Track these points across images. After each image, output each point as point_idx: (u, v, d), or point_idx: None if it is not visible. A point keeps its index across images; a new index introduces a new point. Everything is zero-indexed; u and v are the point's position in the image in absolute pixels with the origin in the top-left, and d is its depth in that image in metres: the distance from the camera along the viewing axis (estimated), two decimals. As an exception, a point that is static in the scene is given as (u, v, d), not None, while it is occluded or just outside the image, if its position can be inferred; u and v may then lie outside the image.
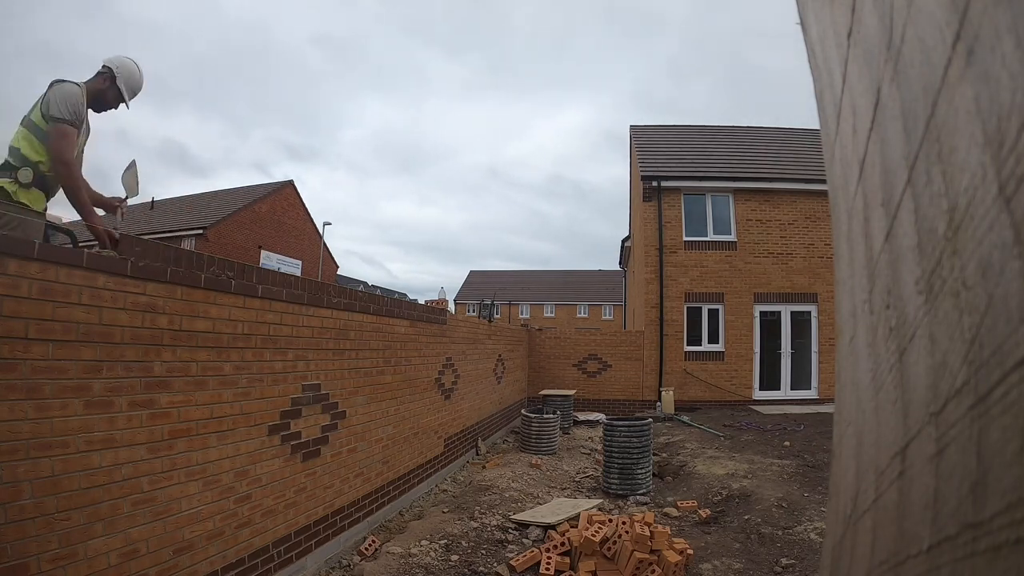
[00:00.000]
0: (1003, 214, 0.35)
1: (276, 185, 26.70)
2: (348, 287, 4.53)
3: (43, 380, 2.01)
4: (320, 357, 3.80)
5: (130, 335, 2.37)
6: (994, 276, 0.37)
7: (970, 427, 0.40)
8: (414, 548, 4.13)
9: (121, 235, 2.49)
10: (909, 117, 0.54)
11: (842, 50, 0.83)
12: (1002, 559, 0.33)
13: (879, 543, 0.66)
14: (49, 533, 2.01)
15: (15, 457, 1.91)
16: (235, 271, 3.01)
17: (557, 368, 11.83)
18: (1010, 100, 0.34)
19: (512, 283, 49.23)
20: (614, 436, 5.93)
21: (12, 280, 1.91)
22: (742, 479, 5.97)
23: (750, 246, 11.35)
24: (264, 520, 3.20)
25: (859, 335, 0.85)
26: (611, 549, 3.72)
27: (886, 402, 0.66)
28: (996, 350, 0.36)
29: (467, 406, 7.17)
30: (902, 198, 0.58)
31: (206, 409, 2.78)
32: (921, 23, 0.49)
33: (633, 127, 15.48)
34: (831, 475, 1.23)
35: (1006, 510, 0.33)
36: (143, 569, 2.40)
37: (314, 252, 27.47)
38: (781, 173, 11.71)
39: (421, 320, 5.62)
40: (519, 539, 4.49)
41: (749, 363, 11.21)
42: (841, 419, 1.07)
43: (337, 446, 4.00)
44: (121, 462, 2.31)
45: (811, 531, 4.43)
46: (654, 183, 11.49)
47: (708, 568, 3.93)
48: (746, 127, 15.03)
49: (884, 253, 0.67)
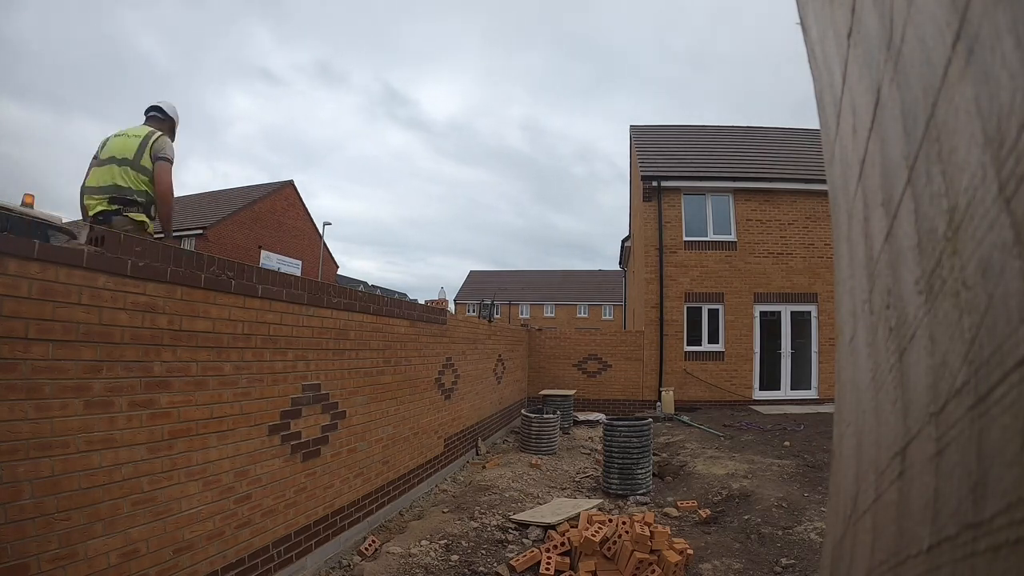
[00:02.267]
0: (1003, 214, 0.35)
1: (276, 185, 26.71)
2: (348, 287, 4.53)
3: (43, 380, 2.01)
4: (320, 357, 3.80)
5: (130, 335, 2.37)
6: (994, 276, 0.37)
7: (970, 427, 0.40)
8: (414, 548, 4.13)
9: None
10: (909, 117, 0.54)
11: (842, 50, 0.83)
12: (1002, 559, 0.33)
13: (879, 543, 0.66)
14: (49, 533, 2.01)
15: (15, 457, 1.90)
16: (235, 271, 3.01)
17: (557, 368, 11.83)
18: (1010, 100, 0.34)
19: (512, 283, 49.24)
20: (614, 436, 5.93)
21: (12, 280, 1.91)
22: (742, 479, 5.97)
23: (750, 246, 11.35)
24: (264, 520, 3.20)
25: (859, 335, 0.85)
26: (611, 549, 3.72)
27: (886, 402, 0.66)
28: (996, 350, 0.36)
29: (467, 406, 7.17)
30: (902, 198, 0.58)
31: (206, 409, 2.78)
32: (921, 23, 0.49)
33: (633, 127, 15.48)
34: (831, 475, 1.23)
35: (1006, 510, 0.33)
36: (143, 569, 2.40)
37: (314, 252, 27.47)
38: (781, 173, 11.71)
39: (421, 320, 5.62)
40: (519, 539, 4.49)
41: (749, 363, 11.20)
42: (841, 419, 1.07)
43: (337, 446, 4.00)
44: (121, 462, 2.31)
45: (811, 531, 4.43)
46: (654, 183, 11.49)
47: (708, 568, 3.93)
48: (746, 127, 15.04)
49: (884, 253, 0.67)
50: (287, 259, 25.18)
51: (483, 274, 53.89)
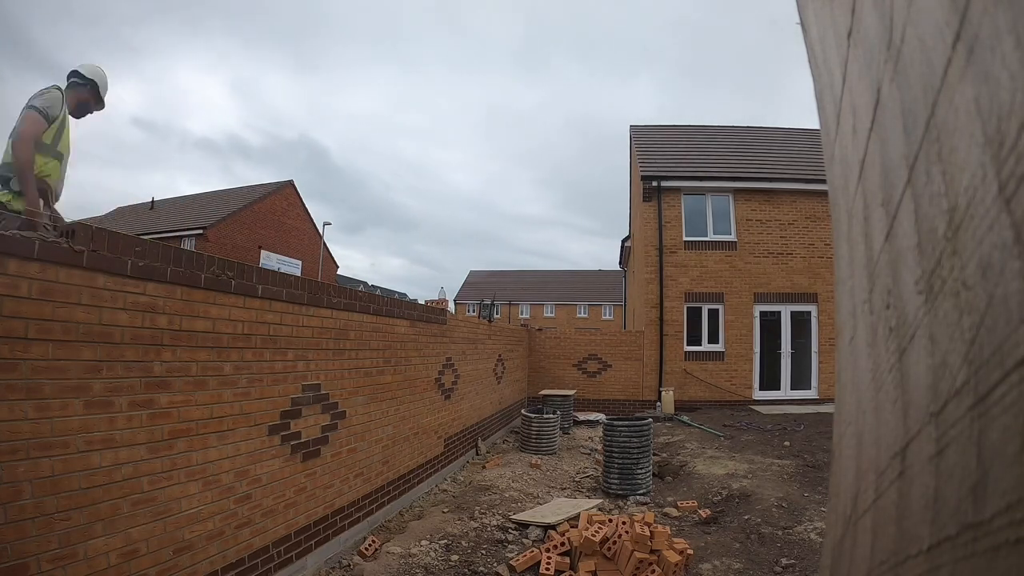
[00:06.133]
0: (1003, 214, 0.35)
1: (276, 185, 26.72)
2: (348, 287, 4.53)
3: (43, 380, 2.01)
4: (320, 357, 3.80)
5: (130, 335, 2.37)
6: (994, 276, 0.37)
7: (970, 427, 0.40)
8: (414, 548, 4.13)
9: (78, 225, 2.20)
10: (909, 117, 0.54)
11: (842, 50, 0.83)
12: (1002, 559, 0.33)
13: (879, 543, 0.66)
14: (49, 533, 2.01)
15: (15, 457, 1.91)
16: (235, 271, 3.01)
17: (557, 368, 11.83)
18: (1010, 100, 0.34)
19: (512, 283, 49.24)
20: (614, 436, 5.93)
21: (12, 280, 1.91)
22: (742, 479, 5.97)
23: (750, 246, 11.35)
24: (264, 520, 3.20)
25: (859, 335, 0.85)
26: (611, 549, 3.72)
27: (886, 402, 0.66)
28: (996, 350, 0.36)
29: (467, 406, 7.17)
30: (902, 198, 0.58)
31: (206, 409, 2.78)
32: (921, 23, 0.49)
33: (633, 127, 15.48)
34: (831, 475, 1.23)
35: (1006, 510, 0.33)
36: (143, 569, 2.40)
37: (314, 252, 27.48)
38: (781, 173, 11.71)
39: (421, 320, 5.63)
40: (519, 539, 4.49)
41: (749, 363, 11.21)
42: (841, 419, 1.07)
43: (337, 446, 4.00)
44: (121, 462, 2.31)
45: (811, 531, 4.43)
46: (654, 183, 11.49)
47: (708, 568, 3.93)
48: (746, 127, 15.03)
49: (884, 253, 0.67)
50: (287, 259, 25.19)
51: (483, 274, 53.88)
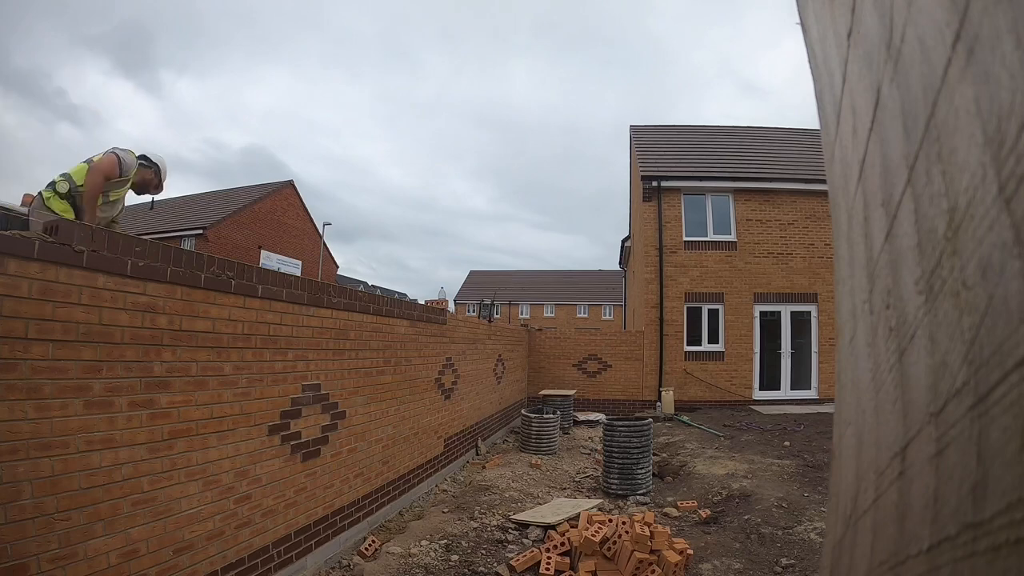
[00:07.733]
0: (1003, 214, 0.35)
1: (276, 185, 26.72)
2: (348, 287, 4.53)
3: (43, 380, 2.01)
4: (320, 357, 3.80)
5: (130, 335, 2.37)
6: (994, 276, 0.37)
7: (970, 427, 0.40)
8: (414, 548, 4.13)
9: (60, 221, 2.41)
10: (909, 117, 0.54)
11: (842, 50, 0.83)
12: (1002, 559, 0.33)
13: (879, 543, 0.66)
14: (49, 533, 2.01)
15: (15, 457, 1.91)
16: (235, 271, 3.01)
17: (557, 368, 11.83)
18: (1010, 100, 0.34)
19: (512, 283, 49.23)
20: (614, 436, 5.93)
21: (12, 280, 1.91)
22: (742, 479, 5.97)
23: (750, 246, 11.35)
24: (264, 520, 3.20)
25: (859, 335, 0.85)
26: (611, 549, 3.72)
27: (886, 402, 0.66)
28: (996, 350, 0.36)
29: (467, 406, 7.17)
30: (902, 198, 0.58)
31: (206, 409, 2.78)
32: (921, 23, 0.49)
33: (633, 127, 15.48)
34: (831, 475, 1.23)
35: (1006, 510, 0.33)
36: (143, 569, 2.40)
37: (314, 252, 27.47)
38: (781, 173, 11.71)
39: (421, 320, 5.62)
40: (519, 539, 4.49)
41: (749, 363, 11.20)
42: (841, 419, 1.07)
43: (337, 446, 4.00)
44: (121, 462, 2.31)
45: (811, 531, 4.43)
46: (654, 183, 11.49)
47: (708, 568, 3.93)
48: (746, 127, 15.04)
49: (884, 253, 0.67)
50: (287, 259, 25.17)
51: (483, 274, 53.88)
